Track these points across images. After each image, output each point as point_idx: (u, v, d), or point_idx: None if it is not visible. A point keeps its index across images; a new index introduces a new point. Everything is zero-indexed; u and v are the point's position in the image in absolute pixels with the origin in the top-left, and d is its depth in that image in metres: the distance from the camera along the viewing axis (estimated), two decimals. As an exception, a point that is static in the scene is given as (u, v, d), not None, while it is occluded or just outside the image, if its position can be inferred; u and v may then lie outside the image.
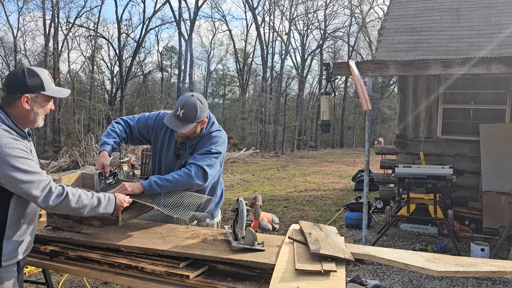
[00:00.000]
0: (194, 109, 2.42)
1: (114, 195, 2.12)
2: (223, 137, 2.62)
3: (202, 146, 2.54)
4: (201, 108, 2.45)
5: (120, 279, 2.01)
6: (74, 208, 1.92)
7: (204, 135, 2.59)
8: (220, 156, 2.54)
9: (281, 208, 8.10)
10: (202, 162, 2.42)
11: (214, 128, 2.63)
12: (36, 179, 1.81)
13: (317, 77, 37.41)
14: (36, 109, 1.91)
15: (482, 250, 4.71)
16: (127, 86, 31.73)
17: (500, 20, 6.96)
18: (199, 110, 2.43)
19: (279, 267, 1.82)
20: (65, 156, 14.41)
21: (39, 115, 1.93)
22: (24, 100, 1.86)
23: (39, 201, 1.81)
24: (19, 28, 30.30)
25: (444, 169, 5.54)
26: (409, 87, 7.00)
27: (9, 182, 1.77)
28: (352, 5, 32.87)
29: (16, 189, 1.79)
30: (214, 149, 2.50)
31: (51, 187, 1.84)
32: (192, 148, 2.60)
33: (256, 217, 2.24)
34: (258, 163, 18.28)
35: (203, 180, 2.41)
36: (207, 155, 2.47)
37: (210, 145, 2.52)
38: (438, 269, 1.79)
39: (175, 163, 2.63)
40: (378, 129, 28.14)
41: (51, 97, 1.96)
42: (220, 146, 2.55)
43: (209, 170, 2.43)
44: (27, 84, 1.86)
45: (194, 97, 2.46)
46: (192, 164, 2.42)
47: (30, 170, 1.79)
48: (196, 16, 29.04)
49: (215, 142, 2.54)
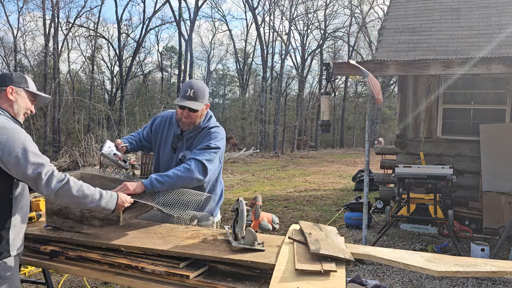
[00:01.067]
0: (203, 89, 2.54)
1: (117, 193, 2.13)
2: (222, 133, 2.65)
3: (201, 141, 2.57)
4: (207, 89, 2.59)
5: (120, 279, 2.01)
6: (75, 196, 1.92)
7: (202, 128, 2.63)
8: (219, 151, 2.56)
9: (281, 208, 8.09)
10: (202, 157, 2.44)
11: (213, 124, 2.66)
12: (42, 162, 1.87)
13: (317, 77, 37.43)
14: (20, 102, 2.05)
15: (482, 250, 4.71)
16: (127, 86, 31.73)
17: (500, 20, 6.96)
18: (206, 91, 2.57)
19: (279, 267, 1.82)
20: (65, 156, 14.39)
21: (21, 108, 2.06)
22: (9, 91, 2.01)
23: (42, 184, 1.85)
24: (19, 28, 30.35)
25: (444, 169, 5.53)
26: (409, 87, 7.00)
27: (18, 164, 1.82)
28: (352, 5, 32.88)
29: (23, 171, 1.82)
30: (213, 144, 2.53)
31: (53, 171, 1.89)
32: (189, 141, 2.64)
33: (256, 217, 2.24)
34: (258, 163, 18.28)
35: (203, 175, 2.43)
36: (206, 150, 2.49)
37: (209, 140, 2.55)
38: (438, 269, 1.79)
39: (172, 158, 2.67)
40: (378, 129, 28.14)
41: (33, 96, 2.12)
42: (219, 141, 2.57)
43: (209, 165, 2.45)
44: (12, 77, 2.04)
45: (201, 81, 2.61)
46: (191, 159, 2.45)
47: (37, 153, 1.88)
48: (196, 16, 29.03)
49: (214, 138, 2.57)
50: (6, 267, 1.90)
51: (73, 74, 35.41)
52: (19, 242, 1.98)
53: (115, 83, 33.15)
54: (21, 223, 2.00)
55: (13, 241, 1.93)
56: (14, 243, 1.94)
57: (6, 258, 1.91)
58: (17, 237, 1.96)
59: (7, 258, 1.91)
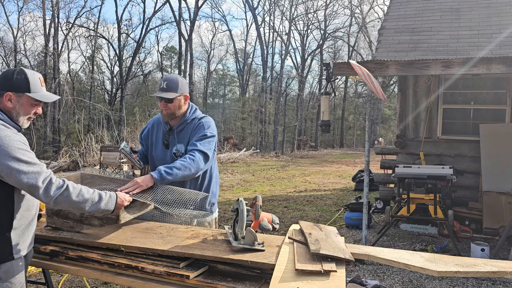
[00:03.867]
0: (176, 80, 2.64)
1: (115, 193, 2.12)
2: (212, 121, 2.77)
3: (196, 133, 2.65)
4: (182, 81, 2.66)
5: (120, 279, 2.01)
6: (75, 201, 1.90)
7: (191, 120, 2.71)
8: (215, 138, 2.69)
9: (281, 208, 8.09)
10: (203, 147, 2.56)
11: (200, 115, 2.76)
12: (37, 170, 1.82)
13: (317, 77, 37.41)
14: (18, 109, 1.92)
15: (482, 250, 4.71)
16: (127, 86, 31.75)
17: (500, 20, 6.96)
18: (180, 82, 2.64)
19: (279, 267, 1.82)
20: (65, 156, 14.39)
21: (20, 115, 1.93)
22: (6, 98, 1.89)
23: (40, 192, 1.81)
24: (19, 28, 30.33)
25: (444, 169, 5.53)
26: (409, 87, 7.00)
27: (10, 174, 1.77)
28: (352, 5, 32.91)
29: (17, 180, 1.78)
30: (209, 133, 2.65)
31: (51, 178, 1.85)
32: (180, 134, 2.71)
33: (256, 217, 2.24)
34: (258, 163, 18.27)
35: (205, 163, 2.55)
36: (205, 139, 2.61)
37: (203, 130, 2.65)
38: (438, 269, 1.79)
39: (165, 153, 2.74)
40: (378, 129, 28.14)
41: (37, 101, 1.96)
42: (213, 129, 2.71)
43: (209, 153, 2.58)
44: (12, 82, 1.89)
45: (175, 74, 2.72)
46: (194, 150, 2.54)
47: (30, 162, 1.81)
48: (196, 16, 29.07)
49: (208, 127, 2.68)
50: (7, 270, 1.86)
51: (73, 74, 35.40)
52: (23, 245, 1.93)
53: (115, 83, 33.16)
54: (26, 225, 1.94)
55: (15, 244, 1.88)
56: (17, 246, 1.89)
57: (9, 261, 1.86)
58: (22, 240, 1.91)
59: (9, 261, 1.86)
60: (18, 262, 1.91)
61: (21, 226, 1.91)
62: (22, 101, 1.92)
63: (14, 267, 1.89)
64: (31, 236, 2.01)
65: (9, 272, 1.87)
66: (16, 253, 1.88)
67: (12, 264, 1.87)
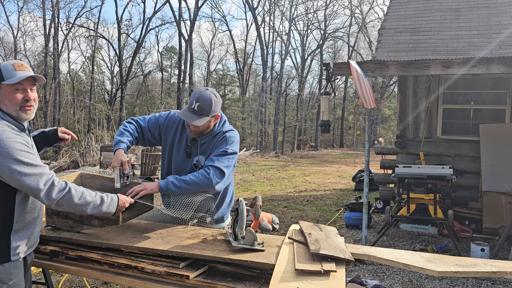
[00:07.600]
0: (209, 102, 2.39)
1: (117, 196, 2.12)
2: (237, 137, 2.58)
3: (217, 147, 2.49)
4: (216, 102, 2.42)
5: (120, 279, 2.01)
6: (77, 204, 1.90)
7: (216, 133, 2.54)
8: (236, 156, 2.50)
9: (281, 208, 8.09)
10: (220, 164, 2.37)
11: (227, 128, 2.58)
12: (39, 172, 1.80)
13: (317, 77, 37.42)
14: (5, 101, 1.87)
15: (482, 250, 4.71)
16: (127, 86, 31.72)
17: (500, 20, 6.96)
18: (213, 104, 2.40)
19: (279, 267, 1.82)
20: (65, 156, 14.39)
21: (10, 107, 1.87)
22: None
23: (42, 195, 1.80)
24: (19, 28, 30.42)
25: (444, 169, 5.53)
26: (409, 87, 7.00)
27: (12, 176, 1.75)
28: (352, 5, 32.88)
29: (18, 182, 1.77)
30: (230, 150, 2.46)
31: (53, 181, 1.83)
32: (203, 146, 2.55)
33: (256, 217, 2.24)
34: (258, 163, 18.27)
35: (221, 181, 2.37)
36: (224, 156, 2.42)
37: (225, 145, 2.47)
38: (438, 269, 1.79)
39: (187, 162, 2.58)
40: (378, 129, 28.13)
41: (16, 85, 1.87)
42: (235, 146, 2.51)
43: (227, 171, 2.39)
44: None
45: (209, 91, 2.43)
46: (210, 166, 2.36)
47: (32, 163, 1.79)
48: (196, 16, 29.05)
49: (231, 142, 2.50)
50: (5, 271, 1.85)
51: (73, 74, 35.44)
52: (23, 247, 1.91)
53: (115, 83, 33.19)
54: (28, 228, 1.93)
55: (15, 246, 1.87)
56: (16, 248, 1.88)
57: (6, 262, 1.85)
58: (22, 242, 1.90)
59: (7, 263, 1.85)
60: (15, 264, 1.90)
61: (21, 227, 1.90)
62: (3, 92, 1.87)
63: (12, 269, 1.87)
64: (33, 238, 2.00)
65: (7, 273, 1.86)
66: (13, 255, 1.87)
67: (9, 266, 1.86)
